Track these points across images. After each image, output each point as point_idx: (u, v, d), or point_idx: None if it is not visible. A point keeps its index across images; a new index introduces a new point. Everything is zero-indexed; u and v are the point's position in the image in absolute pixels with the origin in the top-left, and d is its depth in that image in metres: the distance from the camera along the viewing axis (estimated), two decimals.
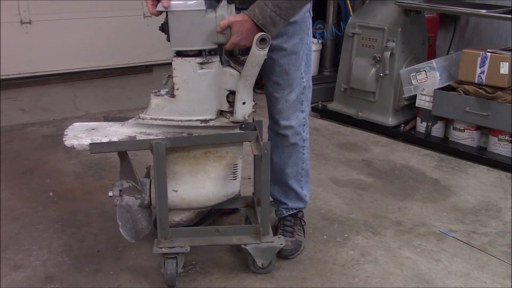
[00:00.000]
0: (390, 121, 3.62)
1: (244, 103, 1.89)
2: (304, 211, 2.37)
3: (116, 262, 2.17)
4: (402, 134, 3.55)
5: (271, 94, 2.12)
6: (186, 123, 1.90)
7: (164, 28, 1.89)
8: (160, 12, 1.85)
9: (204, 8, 1.78)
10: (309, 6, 2.04)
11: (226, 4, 1.82)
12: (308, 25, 2.09)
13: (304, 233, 2.30)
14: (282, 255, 2.15)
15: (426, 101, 3.41)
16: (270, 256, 2.06)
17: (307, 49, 2.11)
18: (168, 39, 1.87)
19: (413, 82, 3.41)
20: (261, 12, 1.76)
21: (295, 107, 2.12)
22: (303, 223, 2.34)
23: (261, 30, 1.77)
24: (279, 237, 2.09)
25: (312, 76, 4.29)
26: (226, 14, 1.80)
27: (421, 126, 3.51)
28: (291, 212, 2.29)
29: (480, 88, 3.13)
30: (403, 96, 3.52)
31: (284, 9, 1.77)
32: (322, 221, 2.50)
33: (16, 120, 3.85)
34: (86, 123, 2.02)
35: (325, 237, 2.37)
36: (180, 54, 1.86)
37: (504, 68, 3.04)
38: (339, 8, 4.42)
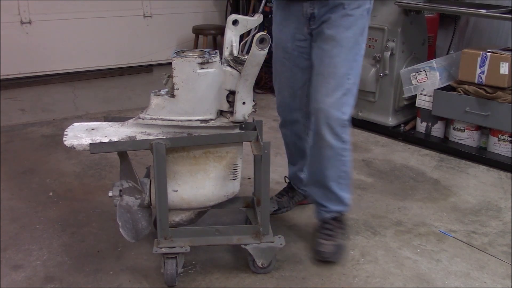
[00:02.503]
0: (390, 121, 3.62)
1: (244, 103, 1.89)
2: (345, 214, 2.29)
3: (116, 262, 2.17)
4: (402, 134, 3.55)
5: (314, 88, 2.06)
6: (186, 123, 1.90)
7: None
8: None
9: None
10: (368, 6, 2.04)
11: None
12: (364, 26, 2.05)
13: (345, 237, 2.24)
14: (323, 257, 2.13)
15: (426, 101, 3.41)
16: (270, 256, 2.06)
17: (358, 49, 2.05)
18: None
19: (413, 82, 3.41)
20: None
21: (337, 107, 2.03)
22: (345, 227, 2.27)
23: None
24: (279, 237, 2.09)
25: None
26: None
27: (421, 126, 3.51)
28: (332, 215, 2.23)
29: (480, 88, 3.13)
30: (403, 96, 3.52)
31: None
32: None
33: (16, 120, 3.85)
34: (86, 123, 2.02)
35: None
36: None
37: (504, 68, 3.04)
38: None
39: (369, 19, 2.09)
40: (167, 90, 1.92)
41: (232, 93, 1.90)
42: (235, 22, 1.97)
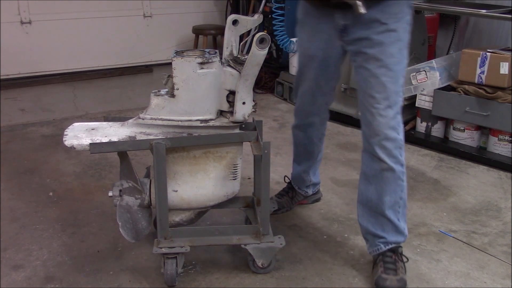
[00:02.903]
0: None
1: (244, 103, 1.89)
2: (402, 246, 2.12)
3: (116, 262, 2.17)
4: None
5: (366, 109, 1.95)
6: (186, 123, 1.90)
7: None
8: None
9: None
10: (409, 16, 1.91)
11: None
12: (407, 38, 1.92)
13: (405, 271, 2.05)
14: None
15: (426, 101, 3.41)
16: (270, 256, 2.06)
17: (404, 63, 1.93)
18: None
19: (413, 82, 3.40)
20: None
21: (391, 126, 1.93)
22: (405, 260, 2.08)
23: None
24: (279, 237, 2.08)
25: None
26: None
27: (421, 126, 3.51)
28: (390, 246, 2.04)
29: (480, 88, 3.13)
30: (403, 96, 3.52)
31: None
32: (322, 221, 2.50)
33: (16, 120, 3.85)
34: (86, 123, 2.02)
35: (325, 237, 2.37)
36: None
37: (504, 68, 3.04)
38: None
39: (410, 31, 1.94)
40: (167, 90, 1.92)
41: (232, 93, 1.90)
42: (235, 22, 1.97)
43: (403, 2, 1.89)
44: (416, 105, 3.48)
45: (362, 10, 1.75)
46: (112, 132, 1.92)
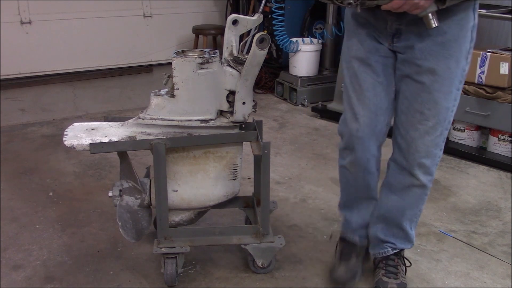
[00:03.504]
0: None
1: (244, 103, 1.89)
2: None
3: (116, 262, 2.17)
4: None
5: (410, 124, 1.77)
6: (186, 123, 1.90)
7: None
8: None
9: None
10: (472, 22, 1.66)
11: None
12: (469, 48, 1.69)
13: (406, 273, 2.03)
14: None
15: None
16: (270, 256, 2.06)
17: (462, 76, 1.72)
18: None
19: None
20: None
21: (436, 143, 1.78)
22: (408, 264, 2.06)
23: None
24: (279, 237, 2.08)
25: (312, 76, 4.37)
26: None
27: None
28: (396, 251, 2.01)
29: (480, 88, 3.13)
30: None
31: None
32: (322, 221, 2.50)
33: (16, 120, 3.85)
34: (86, 123, 2.02)
35: (325, 237, 2.37)
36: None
37: (504, 68, 3.04)
38: (339, 8, 4.42)
39: (475, 37, 1.70)
40: (167, 90, 1.92)
41: (232, 93, 1.90)
42: (235, 22, 1.97)
43: (469, 5, 1.63)
44: None
45: (435, 23, 1.53)
46: (112, 132, 1.92)
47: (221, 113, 1.95)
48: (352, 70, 1.84)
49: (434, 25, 1.53)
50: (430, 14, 1.51)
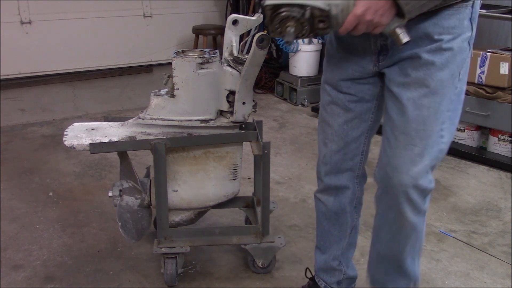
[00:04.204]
0: None
1: (244, 103, 1.89)
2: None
3: (116, 262, 2.17)
4: None
5: (392, 149, 1.54)
6: (186, 123, 1.90)
7: None
8: None
9: None
10: (469, 33, 1.46)
11: None
12: (464, 60, 1.46)
13: None
14: None
15: None
16: (270, 256, 2.06)
17: (456, 93, 1.46)
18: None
19: None
20: None
21: (424, 174, 1.48)
22: None
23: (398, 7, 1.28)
24: (279, 237, 2.09)
25: (312, 76, 4.37)
26: None
27: None
28: None
29: (480, 88, 3.13)
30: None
31: None
32: None
33: (16, 120, 3.85)
34: (86, 123, 2.02)
35: None
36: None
37: (504, 68, 3.04)
38: None
39: (471, 51, 1.50)
40: (167, 90, 1.92)
41: (232, 93, 1.90)
42: (235, 22, 1.97)
43: (464, 13, 1.42)
44: None
45: (405, 38, 1.33)
46: (112, 132, 1.92)
47: (221, 113, 1.95)
48: (323, 97, 1.72)
49: (404, 40, 1.33)
50: (397, 30, 1.33)
